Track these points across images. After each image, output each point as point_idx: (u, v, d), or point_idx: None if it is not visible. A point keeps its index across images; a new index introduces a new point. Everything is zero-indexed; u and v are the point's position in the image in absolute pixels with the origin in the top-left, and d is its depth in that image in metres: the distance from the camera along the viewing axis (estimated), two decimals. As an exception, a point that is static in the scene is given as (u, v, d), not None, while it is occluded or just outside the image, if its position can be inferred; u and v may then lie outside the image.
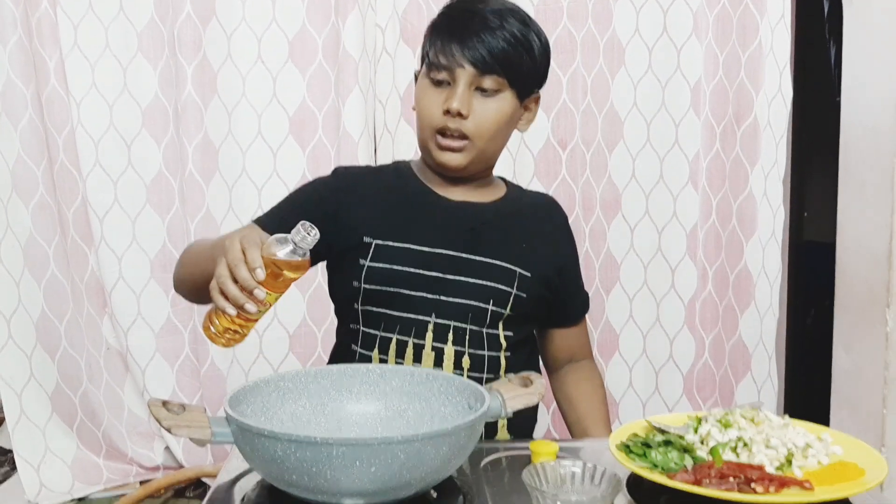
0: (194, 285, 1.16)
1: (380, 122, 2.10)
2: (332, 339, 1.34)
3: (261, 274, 0.91)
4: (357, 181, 1.29)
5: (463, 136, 1.19)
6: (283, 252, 0.93)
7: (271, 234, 1.18)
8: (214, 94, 2.07)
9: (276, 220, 1.21)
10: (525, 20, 1.20)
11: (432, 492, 0.91)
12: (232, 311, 0.93)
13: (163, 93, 2.11)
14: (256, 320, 0.97)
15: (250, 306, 0.93)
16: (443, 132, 1.19)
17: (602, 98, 2.12)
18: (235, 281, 0.93)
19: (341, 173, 1.32)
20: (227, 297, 0.93)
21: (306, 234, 0.92)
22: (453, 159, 1.21)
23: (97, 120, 2.10)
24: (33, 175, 2.12)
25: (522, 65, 1.21)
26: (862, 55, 1.92)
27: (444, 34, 1.19)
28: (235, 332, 0.97)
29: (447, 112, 1.17)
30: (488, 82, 1.18)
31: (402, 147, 2.08)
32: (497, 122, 1.21)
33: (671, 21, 2.08)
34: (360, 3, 2.03)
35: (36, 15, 2.03)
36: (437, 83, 1.19)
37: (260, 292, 0.92)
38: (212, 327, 0.98)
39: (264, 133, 2.10)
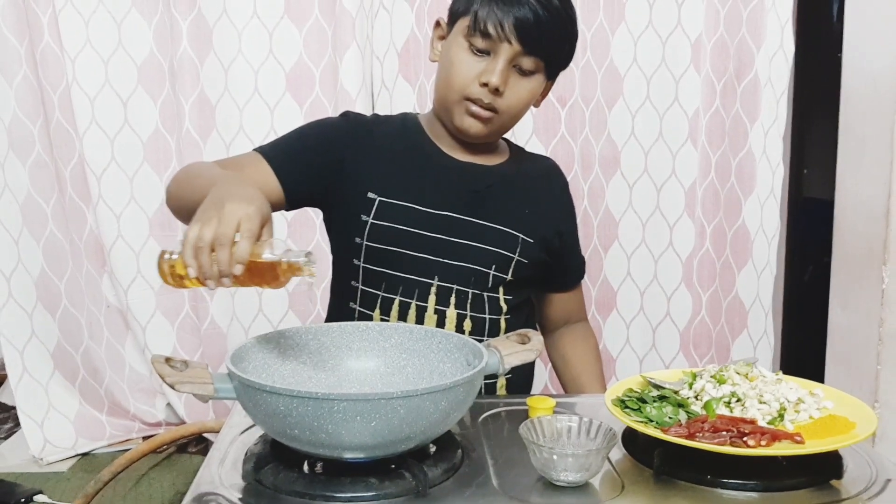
0: (184, 209, 1.11)
1: (377, 79, 2.09)
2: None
3: (238, 270, 0.85)
4: (366, 130, 1.27)
5: (492, 109, 1.18)
6: (270, 260, 0.88)
7: (276, 167, 1.18)
8: (210, 51, 2.05)
9: (282, 156, 1.20)
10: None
11: (431, 446, 0.93)
12: (193, 273, 0.87)
13: (158, 49, 2.09)
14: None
15: (212, 284, 0.87)
16: (471, 100, 1.18)
17: (602, 54, 2.10)
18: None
19: (352, 119, 1.29)
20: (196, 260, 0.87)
21: (305, 265, 0.88)
22: (475, 126, 1.20)
23: (92, 77, 2.07)
24: (30, 133, 2.10)
25: (563, 51, 1.21)
26: (864, 11, 1.90)
27: (495, 1, 1.14)
28: (182, 281, 0.91)
29: (483, 85, 1.16)
30: (528, 62, 1.17)
31: (400, 104, 2.07)
32: (527, 103, 1.22)
33: (672, -25, 2.06)
34: (357, -43, 2.00)
35: (28, -30, 2.00)
36: (476, 50, 1.16)
37: (227, 281, 0.86)
38: (164, 264, 0.92)
39: (261, 90, 2.09)
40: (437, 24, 1.26)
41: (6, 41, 2.04)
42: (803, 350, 2.30)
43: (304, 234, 2.13)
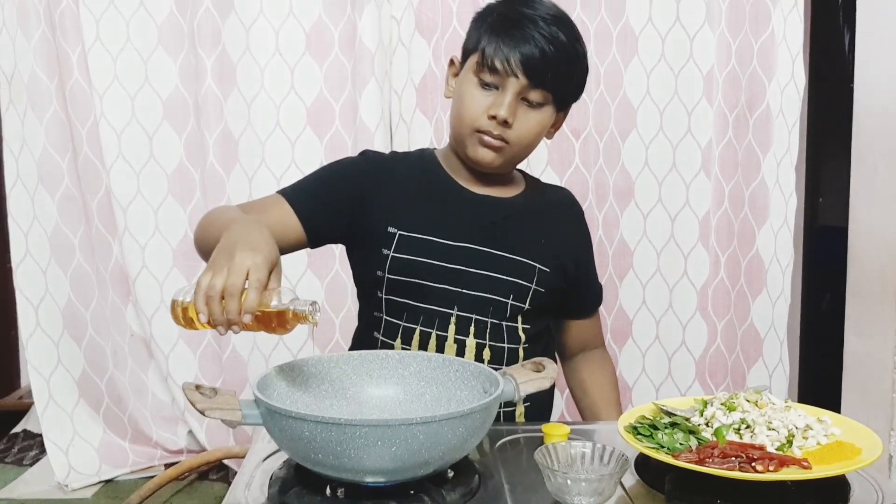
0: (206, 253, 1.13)
1: (395, 113, 2.14)
2: (350, 326, 1.38)
3: (247, 319, 0.90)
4: (384, 168, 1.31)
5: (503, 140, 1.22)
6: (278, 309, 0.91)
7: (297, 207, 1.23)
8: (234, 87, 2.12)
9: (303, 196, 1.25)
10: (577, 35, 1.23)
11: (449, 471, 0.95)
12: (204, 319, 0.91)
13: (183, 85, 2.16)
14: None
15: (221, 330, 0.91)
16: (482, 132, 1.22)
17: (615, 87, 2.15)
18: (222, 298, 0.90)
19: (371, 157, 1.34)
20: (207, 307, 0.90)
21: (310, 313, 0.92)
22: (488, 156, 1.24)
23: (119, 112, 2.15)
24: (58, 167, 2.17)
25: (571, 84, 1.25)
26: (874, 42, 1.93)
27: (502, 38, 1.18)
28: (194, 324, 0.95)
29: (492, 117, 1.20)
30: (535, 95, 1.21)
31: (418, 137, 2.12)
32: (537, 135, 1.25)
33: (684, 10, 2.10)
34: (376, -5, 2.06)
35: (59, 9, 2.08)
36: (485, 84, 1.21)
37: (236, 329, 0.91)
38: (177, 307, 0.96)
39: (283, 124, 2.14)
40: (451, 62, 1.31)
41: (38, 79, 2.11)
42: (820, 378, 2.30)
43: (324, 263, 2.17)
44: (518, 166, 1.38)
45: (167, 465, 2.28)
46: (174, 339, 2.25)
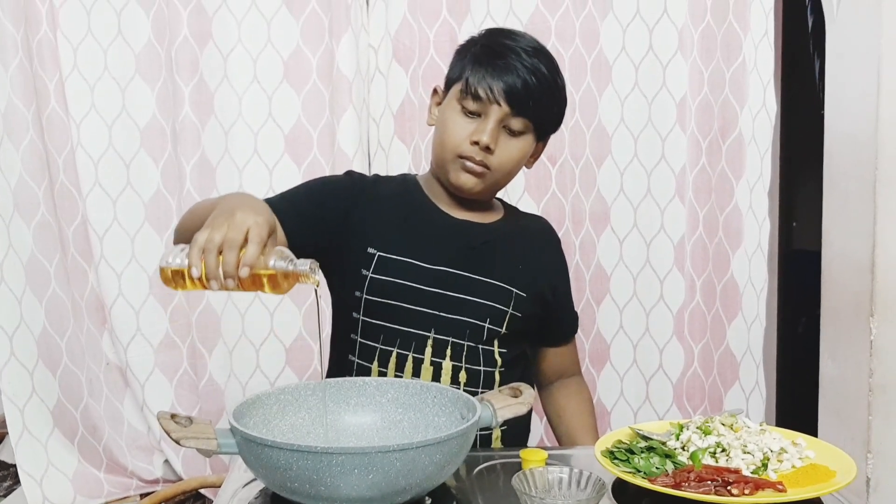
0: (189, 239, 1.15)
1: (373, 140, 2.15)
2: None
3: (245, 273, 0.88)
4: (368, 189, 1.33)
5: (484, 166, 1.25)
6: (277, 267, 0.90)
7: (282, 217, 1.22)
8: (211, 115, 2.12)
9: (288, 207, 1.24)
10: (557, 68, 1.27)
11: (427, 498, 0.95)
12: (197, 274, 0.89)
13: (160, 113, 2.16)
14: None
15: (215, 285, 0.89)
16: (464, 157, 1.25)
17: (590, 115, 2.17)
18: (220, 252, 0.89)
19: (356, 177, 1.36)
20: (203, 261, 0.89)
21: (310, 272, 0.91)
22: (470, 182, 1.26)
23: (96, 140, 2.14)
24: (34, 195, 2.16)
25: (552, 114, 1.29)
26: (844, 70, 1.97)
27: (485, 68, 1.23)
28: (184, 282, 0.92)
29: (475, 143, 1.23)
30: (517, 123, 1.24)
31: (396, 164, 2.13)
32: (518, 162, 1.28)
33: (657, 39, 2.14)
34: (354, 24, 2.08)
35: (36, 38, 2.08)
36: (468, 112, 1.24)
37: (231, 283, 0.89)
38: (169, 267, 0.93)
39: (260, 151, 2.15)
40: (435, 91, 1.34)
41: (14, 107, 2.10)
42: (797, 401, 2.31)
43: (302, 290, 2.16)
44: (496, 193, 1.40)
45: (143, 495, 2.24)
46: (150, 367, 2.23)
